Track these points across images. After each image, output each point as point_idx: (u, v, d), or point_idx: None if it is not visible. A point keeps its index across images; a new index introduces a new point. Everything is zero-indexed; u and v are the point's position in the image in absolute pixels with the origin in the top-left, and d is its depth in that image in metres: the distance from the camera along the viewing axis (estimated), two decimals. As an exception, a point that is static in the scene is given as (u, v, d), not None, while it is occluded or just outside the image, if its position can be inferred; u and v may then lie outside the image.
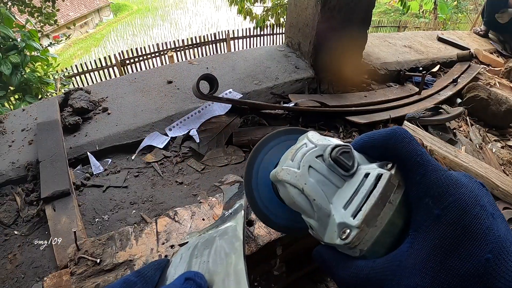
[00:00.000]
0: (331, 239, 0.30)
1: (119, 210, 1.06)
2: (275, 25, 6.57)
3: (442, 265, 0.25)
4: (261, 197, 0.42)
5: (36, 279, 0.86)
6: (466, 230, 0.25)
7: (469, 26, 6.39)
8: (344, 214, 0.30)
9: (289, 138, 0.41)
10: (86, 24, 15.42)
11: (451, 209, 0.26)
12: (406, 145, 0.30)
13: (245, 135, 1.36)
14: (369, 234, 0.28)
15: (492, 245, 0.24)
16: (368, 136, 0.33)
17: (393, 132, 0.31)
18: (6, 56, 2.81)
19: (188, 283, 0.30)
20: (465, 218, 0.25)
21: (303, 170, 0.33)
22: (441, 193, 0.27)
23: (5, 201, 1.06)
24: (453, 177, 0.28)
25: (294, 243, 0.67)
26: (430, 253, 0.26)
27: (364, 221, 0.28)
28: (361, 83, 1.86)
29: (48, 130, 1.23)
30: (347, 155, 0.32)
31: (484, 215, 0.26)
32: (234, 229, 0.44)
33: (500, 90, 2.05)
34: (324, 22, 1.61)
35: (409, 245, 0.27)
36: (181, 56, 7.94)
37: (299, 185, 0.32)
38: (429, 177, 0.28)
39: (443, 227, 0.26)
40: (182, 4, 18.65)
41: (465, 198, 0.26)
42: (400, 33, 2.73)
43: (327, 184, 0.32)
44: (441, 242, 0.25)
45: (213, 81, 1.32)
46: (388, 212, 0.28)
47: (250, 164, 0.42)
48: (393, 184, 0.29)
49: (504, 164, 1.51)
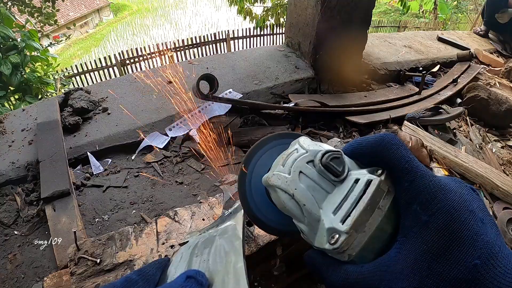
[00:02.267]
0: (321, 243, 0.31)
1: (119, 210, 1.06)
2: (275, 25, 6.57)
3: (430, 270, 0.25)
4: (255, 200, 0.42)
5: (36, 279, 0.86)
6: (454, 236, 0.25)
7: (469, 26, 6.40)
8: (333, 219, 0.30)
9: (283, 142, 0.42)
10: (86, 24, 15.42)
11: (439, 215, 0.26)
12: (394, 151, 0.30)
13: (245, 135, 1.36)
14: (357, 239, 0.28)
15: (481, 250, 0.24)
16: (358, 142, 0.33)
17: (381, 139, 0.31)
18: (6, 56, 2.81)
19: (190, 281, 0.30)
20: (453, 224, 0.25)
21: (293, 175, 0.33)
22: (429, 200, 0.27)
23: (5, 201, 1.06)
24: (442, 183, 0.28)
25: (294, 243, 0.67)
26: (418, 259, 0.26)
27: (353, 227, 0.28)
28: (361, 83, 1.86)
29: (48, 130, 1.23)
30: (338, 160, 0.32)
31: (473, 220, 0.26)
32: (234, 228, 0.45)
33: (500, 90, 2.05)
34: (324, 22, 1.61)
35: (397, 250, 0.27)
36: (181, 56, 7.93)
37: (290, 190, 0.33)
38: (417, 184, 0.28)
39: (430, 233, 0.26)
40: (182, 4, 18.64)
41: (453, 204, 0.26)
42: (400, 33, 2.73)
43: (317, 190, 0.32)
44: (429, 248, 0.25)
45: (213, 81, 1.32)
46: (377, 218, 0.29)
47: (244, 168, 0.42)
48: (383, 190, 0.29)
49: (504, 164, 1.51)
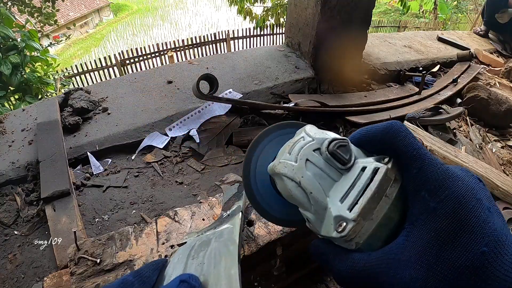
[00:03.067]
0: (328, 232, 0.30)
1: (119, 210, 1.06)
2: (275, 25, 6.56)
3: (437, 257, 0.25)
4: (259, 190, 0.42)
5: (36, 279, 0.86)
6: (462, 223, 0.25)
7: (469, 26, 6.40)
8: (340, 207, 0.30)
9: (288, 132, 0.41)
10: (86, 24, 15.42)
11: (447, 202, 0.26)
12: (402, 139, 0.30)
13: (245, 135, 1.36)
14: (365, 227, 0.28)
15: (488, 238, 0.24)
16: (365, 130, 0.33)
17: (389, 126, 0.31)
18: (6, 56, 2.81)
19: (183, 285, 0.30)
20: (461, 211, 0.25)
21: (300, 163, 0.33)
22: (437, 187, 0.27)
23: (5, 201, 1.06)
24: (450, 171, 0.28)
25: (294, 243, 0.67)
26: (426, 246, 0.25)
27: (360, 214, 0.28)
28: (361, 83, 1.86)
29: (48, 130, 1.23)
30: (344, 148, 0.32)
31: (480, 208, 0.26)
32: (230, 232, 0.44)
33: (500, 90, 2.05)
34: (324, 22, 1.61)
35: (404, 238, 0.27)
36: (181, 56, 7.94)
37: (296, 178, 0.32)
38: (425, 171, 0.28)
39: (439, 220, 0.26)
40: (182, 4, 18.64)
41: (461, 191, 0.26)
42: (400, 33, 2.73)
43: (324, 178, 0.32)
44: (437, 235, 0.25)
45: (213, 81, 1.32)
46: (384, 206, 0.28)
47: (249, 157, 0.42)
48: (390, 178, 0.29)
49: (504, 164, 1.51)
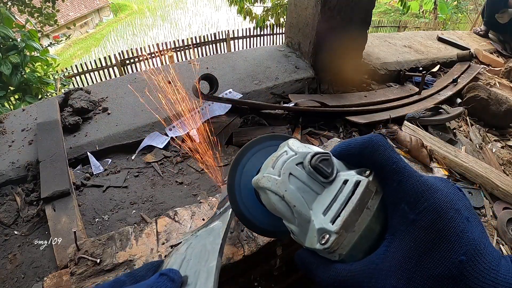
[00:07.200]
0: (311, 244, 0.31)
1: (119, 210, 1.06)
2: (275, 25, 6.55)
3: (417, 267, 0.25)
4: (244, 202, 0.42)
5: (36, 279, 0.86)
6: (441, 233, 0.26)
7: (469, 26, 6.39)
8: (323, 220, 0.30)
9: (272, 144, 0.42)
10: (86, 24, 15.41)
11: (426, 214, 0.27)
12: (382, 153, 0.30)
13: (245, 135, 1.36)
14: (347, 239, 0.29)
15: (466, 247, 0.25)
16: (346, 143, 0.34)
17: (369, 141, 0.31)
18: (6, 56, 2.81)
19: (162, 278, 0.31)
20: (439, 222, 0.26)
21: (283, 177, 0.34)
22: (417, 199, 0.28)
23: (5, 201, 1.06)
24: (428, 183, 0.28)
25: (294, 243, 0.67)
26: (406, 256, 0.26)
27: (343, 227, 0.29)
28: (361, 83, 1.86)
29: (48, 130, 1.23)
30: (326, 162, 0.33)
31: (459, 218, 0.26)
32: (219, 228, 0.45)
33: (500, 90, 2.04)
34: (324, 22, 1.61)
35: (385, 248, 0.28)
36: (181, 56, 7.93)
37: (280, 192, 0.33)
38: (404, 184, 0.29)
39: (418, 230, 0.26)
40: (182, 4, 18.63)
41: (440, 202, 0.27)
42: (400, 33, 2.73)
43: (307, 191, 0.33)
44: (416, 245, 0.26)
45: (213, 81, 1.32)
46: (366, 218, 0.29)
47: (233, 169, 0.42)
48: (371, 190, 0.30)
49: (504, 164, 1.51)
